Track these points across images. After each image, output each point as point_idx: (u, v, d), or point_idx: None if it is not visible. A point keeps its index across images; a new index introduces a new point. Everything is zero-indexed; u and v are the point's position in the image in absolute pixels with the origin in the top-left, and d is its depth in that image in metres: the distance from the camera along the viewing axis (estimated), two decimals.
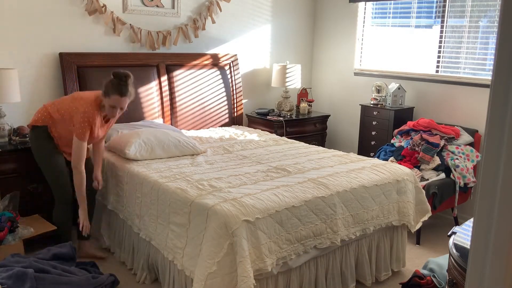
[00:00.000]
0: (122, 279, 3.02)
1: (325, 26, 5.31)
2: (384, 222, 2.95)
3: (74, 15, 3.73)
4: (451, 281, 1.96)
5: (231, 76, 4.64)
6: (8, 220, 2.81)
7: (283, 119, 4.61)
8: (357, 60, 5.04)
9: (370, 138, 4.52)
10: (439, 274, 2.70)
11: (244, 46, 4.84)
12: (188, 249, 2.44)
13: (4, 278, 2.30)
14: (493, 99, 0.81)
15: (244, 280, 2.18)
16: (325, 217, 2.60)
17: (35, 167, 3.25)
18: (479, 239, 0.86)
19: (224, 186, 2.65)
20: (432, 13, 4.46)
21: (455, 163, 3.69)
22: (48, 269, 2.48)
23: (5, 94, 3.20)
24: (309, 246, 2.54)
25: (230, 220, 2.25)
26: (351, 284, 2.88)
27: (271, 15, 5.02)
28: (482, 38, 4.07)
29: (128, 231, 3.12)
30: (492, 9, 3.95)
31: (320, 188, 2.68)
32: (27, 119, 3.59)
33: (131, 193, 3.01)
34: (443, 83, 4.24)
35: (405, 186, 3.07)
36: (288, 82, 4.83)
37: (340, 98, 5.21)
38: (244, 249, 2.22)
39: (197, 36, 4.42)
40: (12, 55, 3.48)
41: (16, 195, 3.02)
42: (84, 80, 3.71)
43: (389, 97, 4.39)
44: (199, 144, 3.60)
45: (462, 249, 1.94)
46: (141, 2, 4.05)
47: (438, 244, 3.68)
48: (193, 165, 3.13)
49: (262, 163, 3.20)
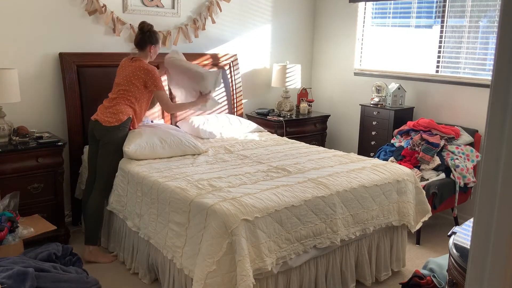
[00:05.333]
0: (122, 279, 3.03)
1: (325, 26, 5.31)
2: (384, 222, 2.95)
3: (74, 15, 3.73)
4: (451, 281, 1.97)
5: (231, 76, 4.64)
6: (8, 220, 2.81)
7: (283, 119, 4.61)
8: (357, 60, 5.04)
9: (370, 138, 4.52)
10: (439, 274, 2.70)
11: (244, 46, 4.84)
12: (188, 248, 2.45)
13: (4, 277, 2.29)
14: (493, 99, 0.81)
15: (244, 279, 2.18)
16: (325, 217, 2.60)
17: (35, 167, 3.26)
18: (479, 239, 0.86)
19: (224, 186, 2.65)
20: (432, 13, 4.46)
21: (455, 163, 3.69)
22: (48, 268, 2.48)
23: (5, 94, 3.19)
24: (309, 245, 2.54)
25: (229, 219, 2.25)
26: (351, 284, 2.88)
27: (271, 15, 5.02)
28: (482, 38, 4.07)
29: (128, 231, 3.12)
30: (492, 9, 3.95)
31: (320, 188, 2.69)
32: (27, 119, 3.59)
33: (132, 192, 3.01)
34: (443, 83, 4.24)
35: (405, 186, 3.07)
36: (288, 82, 4.83)
37: (340, 98, 5.21)
38: (243, 248, 2.22)
39: (197, 36, 4.42)
40: (12, 55, 3.48)
41: (16, 195, 3.02)
42: (84, 80, 3.71)
43: (389, 97, 4.39)
44: (200, 144, 3.60)
45: (462, 249, 1.94)
46: (141, 2, 4.05)
47: (438, 244, 3.68)
48: (194, 165, 3.13)
49: (262, 163, 3.20)
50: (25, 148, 3.22)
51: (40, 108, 3.67)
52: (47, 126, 3.69)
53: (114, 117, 3.21)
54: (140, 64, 3.30)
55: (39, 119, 3.67)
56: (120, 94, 3.27)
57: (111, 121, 3.20)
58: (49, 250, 2.72)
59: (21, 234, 2.85)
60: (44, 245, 2.80)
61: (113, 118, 3.21)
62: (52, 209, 3.39)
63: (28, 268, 2.36)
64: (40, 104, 3.67)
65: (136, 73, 3.28)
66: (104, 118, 3.22)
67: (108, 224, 3.39)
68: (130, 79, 3.27)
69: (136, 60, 3.34)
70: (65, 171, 3.52)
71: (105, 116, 3.23)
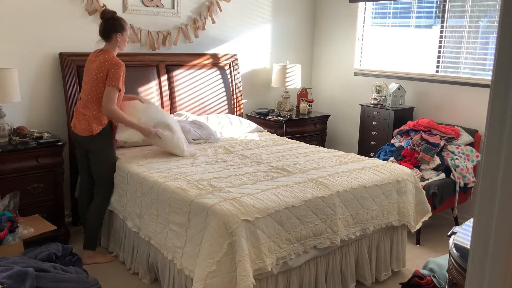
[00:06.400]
0: (122, 279, 3.03)
1: (325, 26, 5.31)
2: (384, 222, 2.95)
3: (74, 15, 3.73)
4: (451, 281, 1.97)
5: (231, 76, 4.64)
6: (8, 220, 2.81)
7: (283, 119, 4.61)
8: (357, 60, 5.04)
9: (370, 138, 4.52)
10: (439, 274, 2.70)
11: (244, 46, 4.84)
12: (188, 249, 2.45)
13: (4, 277, 2.29)
14: (493, 99, 0.81)
15: (244, 279, 2.18)
16: (325, 217, 2.60)
17: (35, 167, 3.26)
18: (479, 239, 0.86)
19: (224, 186, 2.65)
20: (432, 13, 4.46)
21: (455, 163, 3.69)
22: (48, 268, 2.48)
23: (5, 94, 3.20)
24: (309, 246, 2.54)
25: (229, 219, 2.25)
26: (351, 284, 2.88)
27: (271, 15, 5.02)
28: (482, 38, 4.07)
29: (128, 231, 3.12)
30: (492, 9, 3.95)
31: (320, 188, 2.68)
32: (27, 119, 3.59)
33: (132, 193, 3.01)
34: (443, 83, 4.24)
35: (405, 186, 3.07)
36: (288, 82, 4.83)
37: (340, 98, 5.21)
38: (243, 249, 2.22)
39: (197, 36, 4.42)
40: (12, 55, 3.48)
41: (16, 195, 3.02)
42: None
43: (389, 97, 4.39)
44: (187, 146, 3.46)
45: (462, 249, 1.94)
46: (141, 2, 4.05)
47: (438, 244, 3.68)
48: (194, 165, 3.13)
49: (262, 163, 3.20)
50: (25, 148, 3.22)
51: (40, 108, 3.67)
52: (47, 126, 3.69)
53: (91, 126, 3.07)
54: (107, 57, 3.03)
55: (39, 119, 3.67)
56: (91, 95, 3.06)
57: (90, 129, 3.07)
58: (49, 250, 2.72)
59: (21, 234, 2.85)
60: (44, 245, 2.80)
61: (91, 127, 3.07)
62: (52, 209, 3.39)
63: (28, 268, 2.36)
64: (40, 104, 3.67)
65: (102, 67, 3.00)
66: (83, 127, 3.08)
67: (108, 224, 3.39)
68: (97, 75, 3.01)
69: (104, 53, 3.08)
70: (65, 171, 3.52)
71: (82, 124, 3.09)
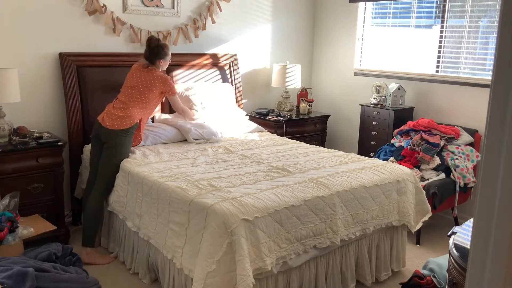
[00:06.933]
0: (122, 279, 3.03)
1: (325, 26, 5.30)
2: (384, 222, 2.95)
3: (74, 15, 3.73)
4: (451, 281, 1.97)
5: (231, 76, 4.64)
6: (8, 220, 2.81)
7: (283, 119, 4.61)
8: (357, 60, 5.04)
9: (370, 138, 4.52)
10: (439, 274, 2.70)
11: (244, 46, 4.84)
12: (187, 248, 2.45)
13: (4, 277, 2.29)
14: (493, 99, 0.81)
15: (243, 279, 2.18)
16: (324, 216, 2.60)
17: (35, 167, 3.26)
18: (479, 239, 0.86)
19: (224, 186, 2.65)
20: (432, 13, 4.46)
21: (455, 163, 3.69)
22: (48, 268, 2.48)
23: (5, 94, 3.19)
24: (309, 245, 2.54)
25: (229, 219, 2.25)
26: (351, 284, 2.88)
27: (271, 15, 5.02)
28: (482, 38, 4.07)
29: (128, 231, 3.12)
30: (492, 9, 3.95)
31: (320, 188, 2.68)
32: (27, 119, 3.59)
33: (132, 192, 3.01)
34: (443, 83, 4.24)
35: (405, 186, 3.07)
36: (288, 82, 4.83)
37: (340, 98, 5.21)
38: (243, 248, 2.22)
39: (197, 36, 4.42)
40: (12, 55, 3.48)
41: (16, 195, 3.02)
42: (84, 80, 3.71)
43: (389, 97, 4.39)
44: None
45: (462, 249, 1.95)
46: (141, 2, 4.05)
47: (438, 244, 3.68)
48: (194, 165, 3.13)
49: (262, 163, 3.20)
50: (25, 148, 3.22)
51: (40, 108, 3.67)
52: (47, 126, 3.69)
53: (124, 121, 3.23)
54: (156, 74, 3.42)
55: (39, 119, 3.67)
56: (134, 99, 3.32)
57: (120, 124, 3.22)
58: (49, 250, 2.73)
59: (21, 234, 2.85)
60: (44, 245, 2.80)
61: (122, 122, 3.23)
62: (52, 209, 3.39)
63: (28, 268, 2.36)
64: (40, 104, 3.67)
65: (154, 83, 3.39)
66: (112, 122, 3.23)
67: (108, 224, 3.39)
68: (148, 86, 3.37)
69: (151, 70, 3.43)
70: (65, 171, 3.52)
71: (113, 119, 3.24)
